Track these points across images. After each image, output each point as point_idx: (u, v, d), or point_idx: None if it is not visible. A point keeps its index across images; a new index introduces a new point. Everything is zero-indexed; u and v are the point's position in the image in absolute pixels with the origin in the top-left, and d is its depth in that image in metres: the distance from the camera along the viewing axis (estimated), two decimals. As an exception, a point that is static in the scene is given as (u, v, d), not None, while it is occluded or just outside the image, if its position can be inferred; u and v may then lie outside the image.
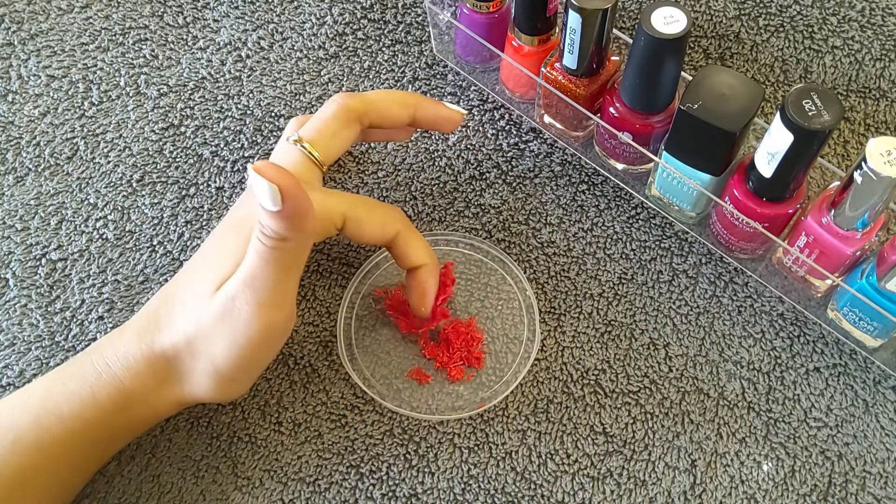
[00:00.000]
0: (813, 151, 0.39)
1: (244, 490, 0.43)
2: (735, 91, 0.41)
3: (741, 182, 0.44)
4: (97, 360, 0.39)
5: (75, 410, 0.38)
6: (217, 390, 0.39)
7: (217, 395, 0.40)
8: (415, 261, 0.43)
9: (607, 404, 0.45)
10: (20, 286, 0.49)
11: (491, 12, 0.51)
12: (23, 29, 0.58)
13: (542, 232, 0.50)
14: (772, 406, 0.45)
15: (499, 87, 0.55)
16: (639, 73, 0.43)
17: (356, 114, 0.43)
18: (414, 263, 0.44)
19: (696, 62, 0.55)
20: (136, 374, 0.39)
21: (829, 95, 0.37)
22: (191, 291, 0.39)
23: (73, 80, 0.56)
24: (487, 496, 0.43)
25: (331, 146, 0.43)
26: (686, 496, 0.43)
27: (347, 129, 0.43)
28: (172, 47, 0.58)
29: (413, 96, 0.45)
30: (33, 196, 0.52)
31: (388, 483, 0.43)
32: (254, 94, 0.55)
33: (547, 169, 0.52)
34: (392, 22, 0.58)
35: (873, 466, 0.43)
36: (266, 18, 0.58)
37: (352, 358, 0.46)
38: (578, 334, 0.47)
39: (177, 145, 0.54)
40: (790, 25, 0.54)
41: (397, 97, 0.45)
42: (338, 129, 0.43)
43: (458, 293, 0.48)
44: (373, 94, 0.44)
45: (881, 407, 0.45)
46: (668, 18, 0.40)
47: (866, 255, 0.42)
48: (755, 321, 0.47)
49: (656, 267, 0.49)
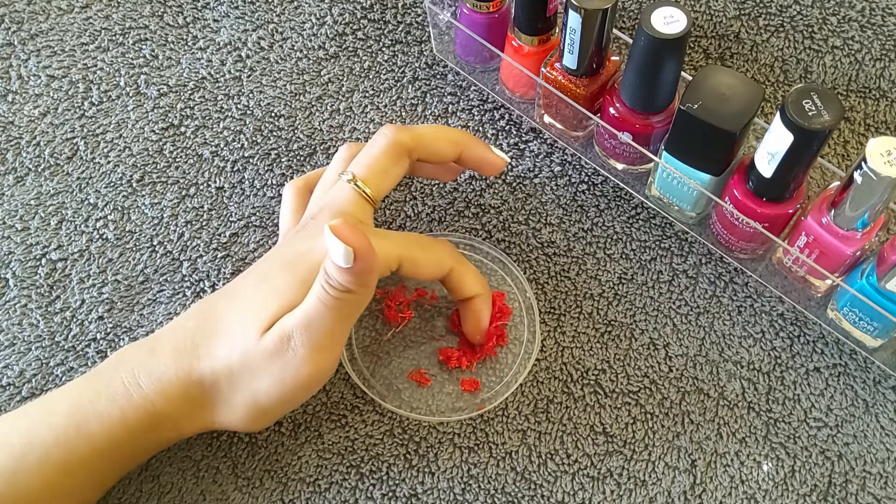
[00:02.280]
0: (813, 151, 0.39)
1: (244, 490, 0.43)
2: (735, 91, 0.41)
3: (741, 182, 0.44)
4: (128, 378, 0.39)
5: (104, 430, 0.38)
6: (249, 422, 0.40)
7: (246, 426, 0.40)
8: (469, 292, 0.44)
9: (607, 404, 0.45)
10: (20, 286, 0.49)
11: (491, 12, 0.51)
12: (23, 29, 0.58)
13: (542, 232, 0.50)
14: (772, 406, 0.45)
15: (499, 87, 0.55)
16: (639, 73, 0.43)
17: (406, 149, 0.43)
18: (469, 295, 0.44)
19: (696, 62, 0.55)
20: (170, 398, 0.38)
21: (829, 95, 0.37)
22: (237, 322, 0.39)
23: (73, 80, 0.56)
24: (487, 496, 0.43)
25: (382, 183, 0.42)
26: (686, 496, 0.43)
27: (398, 166, 0.43)
28: (172, 47, 0.58)
29: (462, 135, 0.45)
30: (33, 196, 0.52)
31: (388, 483, 0.43)
32: (254, 94, 0.55)
33: (547, 169, 0.52)
34: (392, 22, 0.58)
35: (873, 466, 0.43)
36: (266, 18, 0.58)
37: (352, 358, 0.46)
38: (578, 334, 0.47)
39: (177, 145, 0.54)
40: (790, 25, 0.54)
41: (446, 134, 0.44)
42: (389, 166, 0.42)
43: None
44: (422, 128, 0.44)
45: (881, 407, 0.45)
46: (668, 18, 0.40)
47: (866, 255, 0.42)
48: (755, 321, 0.47)
49: (656, 267, 0.49)
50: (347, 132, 0.54)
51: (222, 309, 0.40)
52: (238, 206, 0.51)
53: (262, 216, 0.51)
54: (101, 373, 0.40)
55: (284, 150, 0.53)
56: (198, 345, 0.39)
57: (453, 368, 0.46)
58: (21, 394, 0.46)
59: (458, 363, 0.45)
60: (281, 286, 0.39)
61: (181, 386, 0.38)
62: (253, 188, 0.52)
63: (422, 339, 0.47)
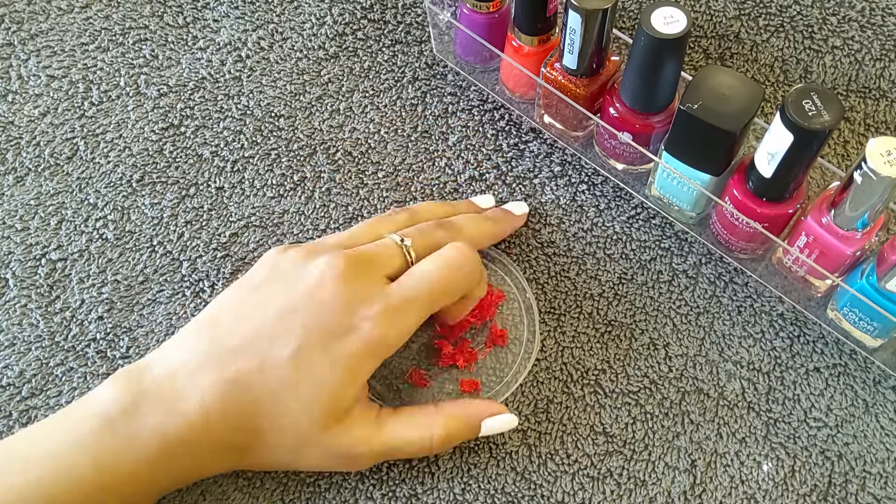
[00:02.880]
0: (813, 151, 0.39)
1: (244, 490, 0.43)
2: (735, 91, 0.41)
3: (741, 182, 0.44)
4: (174, 467, 0.38)
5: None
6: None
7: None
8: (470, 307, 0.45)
9: (607, 404, 0.45)
10: (20, 286, 0.49)
11: (491, 12, 0.51)
12: (23, 29, 0.58)
13: (542, 232, 0.50)
14: (772, 406, 0.45)
15: (499, 87, 0.55)
16: (639, 73, 0.43)
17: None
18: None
19: (696, 62, 0.55)
20: (210, 472, 0.41)
21: (829, 95, 0.37)
22: (291, 423, 0.38)
23: (73, 80, 0.56)
24: (487, 496, 0.43)
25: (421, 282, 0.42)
26: (686, 496, 0.43)
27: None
28: (172, 47, 0.58)
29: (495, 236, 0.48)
30: (33, 196, 0.52)
31: (388, 483, 0.43)
32: (254, 94, 0.55)
33: (547, 169, 0.52)
34: (392, 22, 0.58)
35: (873, 466, 0.43)
36: (266, 18, 0.58)
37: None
38: (578, 334, 0.47)
39: (177, 145, 0.54)
40: (790, 25, 0.54)
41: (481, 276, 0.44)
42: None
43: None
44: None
45: (881, 407, 0.45)
46: (668, 18, 0.40)
47: (866, 255, 0.42)
48: (755, 321, 0.47)
49: (656, 267, 0.49)
50: (347, 132, 0.54)
51: (271, 403, 0.38)
52: (238, 206, 0.51)
53: (262, 216, 0.51)
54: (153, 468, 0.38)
55: (284, 150, 0.53)
56: (241, 449, 0.39)
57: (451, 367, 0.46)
58: (21, 394, 0.46)
59: (453, 360, 0.45)
60: (325, 377, 0.38)
61: (223, 469, 0.41)
62: (253, 188, 0.52)
63: (421, 338, 0.47)
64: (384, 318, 0.39)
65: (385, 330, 0.39)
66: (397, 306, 0.39)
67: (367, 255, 0.41)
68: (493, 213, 0.49)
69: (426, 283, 0.40)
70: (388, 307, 0.39)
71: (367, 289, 0.39)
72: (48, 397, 0.46)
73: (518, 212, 0.50)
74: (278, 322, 0.39)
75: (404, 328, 0.40)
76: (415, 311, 0.40)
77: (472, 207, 0.49)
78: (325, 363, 0.38)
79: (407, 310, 0.39)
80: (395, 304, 0.39)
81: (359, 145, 0.53)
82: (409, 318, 0.40)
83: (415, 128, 0.54)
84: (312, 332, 0.38)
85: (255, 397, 0.38)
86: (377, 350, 0.39)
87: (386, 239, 0.42)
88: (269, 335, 0.39)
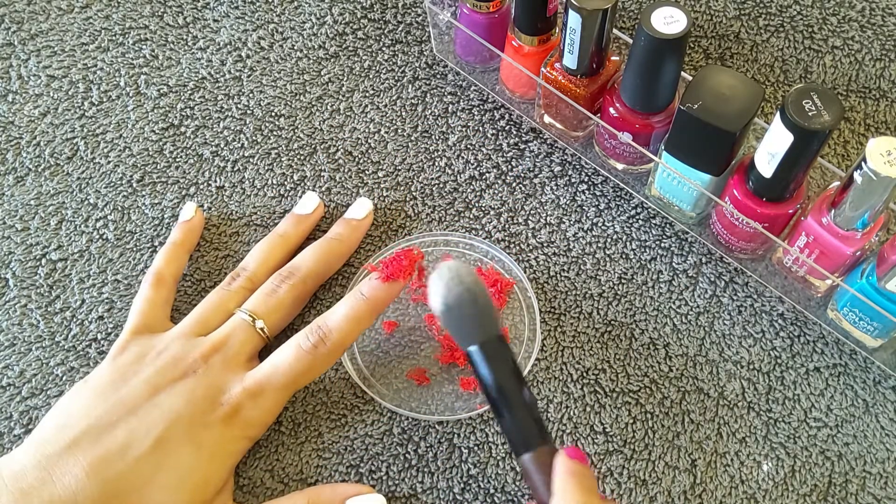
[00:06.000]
0: (813, 151, 0.39)
1: (244, 490, 0.43)
2: (735, 91, 0.41)
3: (741, 182, 0.44)
4: None
5: None
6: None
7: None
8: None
9: (607, 404, 0.45)
10: (20, 286, 0.49)
11: (491, 12, 0.51)
12: (23, 29, 0.58)
13: (542, 232, 0.50)
14: (772, 406, 0.45)
15: (499, 87, 0.55)
16: (639, 73, 0.43)
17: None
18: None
19: (696, 62, 0.55)
20: None
21: (829, 95, 0.37)
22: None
23: (73, 80, 0.56)
24: (487, 496, 0.43)
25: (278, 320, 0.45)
26: (686, 496, 0.43)
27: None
28: (172, 47, 0.58)
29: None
30: (33, 196, 0.52)
31: (387, 483, 0.43)
32: (254, 94, 0.55)
33: (547, 169, 0.52)
34: (392, 22, 0.58)
35: (873, 466, 0.43)
36: (266, 18, 0.58)
37: (352, 358, 0.46)
38: (578, 334, 0.47)
39: (177, 145, 0.54)
40: (790, 25, 0.54)
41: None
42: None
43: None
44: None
45: (881, 407, 0.45)
46: (668, 18, 0.40)
47: (866, 255, 0.42)
48: (755, 321, 0.47)
49: (656, 267, 0.49)
50: (347, 132, 0.54)
51: (130, 487, 0.38)
52: (238, 205, 0.51)
53: (263, 216, 0.51)
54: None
55: (285, 149, 0.53)
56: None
57: (449, 365, 0.46)
58: (21, 394, 0.46)
59: (453, 358, 0.45)
60: (190, 464, 0.39)
61: None
62: (253, 188, 0.52)
63: (421, 338, 0.47)
64: (245, 402, 0.41)
65: (248, 413, 0.41)
66: (254, 392, 0.41)
67: (219, 345, 0.42)
68: (336, 230, 0.49)
69: (280, 375, 0.41)
70: (247, 392, 0.41)
71: (226, 382, 0.41)
72: (48, 397, 0.46)
73: (360, 215, 0.49)
74: (137, 415, 0.39)
75: (266, 413, 0.42)
76: (272, 397, 0.41)
77: (297, 227, 0.49)
78: (188, 450, 0.39)
79: (265, 395, 0.41)
80: (253, 390, 0.41)
81: (359, 145, 0.53)
82: (268, 402, 0.41)
83: (415, 127, 0.54)
84: (175, 422, 0.39)
85: (117, 488, 0.37)
86: (245, 432, 0.41)
87: (237, 320, 0.43)
88: (127, 428, 0.39)
